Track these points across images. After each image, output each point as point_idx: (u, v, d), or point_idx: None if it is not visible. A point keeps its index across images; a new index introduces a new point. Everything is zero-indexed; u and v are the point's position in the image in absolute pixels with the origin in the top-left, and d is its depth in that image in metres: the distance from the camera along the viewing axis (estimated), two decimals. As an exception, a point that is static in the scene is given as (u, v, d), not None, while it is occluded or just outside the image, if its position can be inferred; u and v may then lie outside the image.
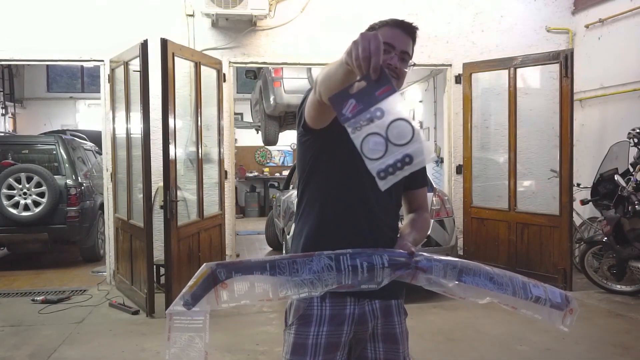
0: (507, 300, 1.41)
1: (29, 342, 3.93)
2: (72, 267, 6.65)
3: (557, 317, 1.44)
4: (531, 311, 1.43)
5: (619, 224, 4.75)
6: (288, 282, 1.31)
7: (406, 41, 1.52)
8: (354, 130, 1.10)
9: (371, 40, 1.09)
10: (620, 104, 5.64)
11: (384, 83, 1.09)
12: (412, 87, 10.20)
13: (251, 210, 12.56)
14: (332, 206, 1.57)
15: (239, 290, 1.33)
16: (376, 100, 1.09)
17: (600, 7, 5.82)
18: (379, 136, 1.09)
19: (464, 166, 5.94)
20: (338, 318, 1.54)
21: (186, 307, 1.31)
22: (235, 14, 5.46)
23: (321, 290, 1.32)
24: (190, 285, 1.34)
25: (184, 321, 1.32)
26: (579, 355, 3.64)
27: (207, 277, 1.32)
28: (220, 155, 5.55)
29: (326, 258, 1.32)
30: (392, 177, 1.09)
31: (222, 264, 1.34)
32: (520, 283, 1.43)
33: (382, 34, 1.48)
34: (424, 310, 4.55)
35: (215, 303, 1.33)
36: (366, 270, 1.32)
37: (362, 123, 1.09)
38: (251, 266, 1.33)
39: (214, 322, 4.25)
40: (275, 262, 1.33)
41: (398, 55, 1.50)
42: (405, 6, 5.91)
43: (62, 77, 13.69)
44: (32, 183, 6.17)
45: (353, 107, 1.10)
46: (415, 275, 1.38)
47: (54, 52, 5.60)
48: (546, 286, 1.47)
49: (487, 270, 1.43)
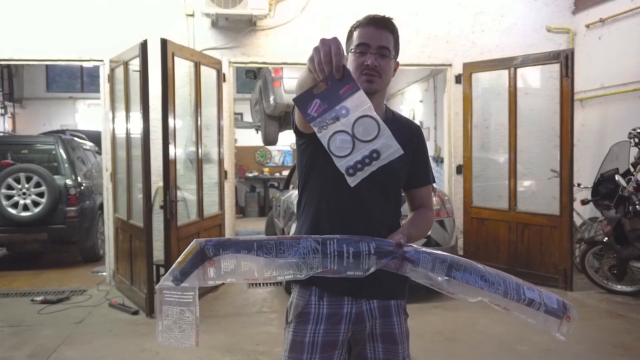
0: (499, 300, 1.39)
1: (28, 343, 3.93)
2: (72, 267, 6.64)
3: (552, 324, 1.41)
4: (524, 314, 1.41)
5: (620, 224, 4.75)
6: (273, 262, 1.32)
7: (381, 36, 1.51)
8: (320, 130, 1.13)
9: (331, 44, 1.13)
10: (621, 104, 5.63)
11: (347, 81, 1.12)
12: (412, 87, 10.20)
13: (251, 210, 12.55)
14: (326, 207, 1.58)
15: (226, 267, 1.34)
16: (340, 98, 1.12)
17: (600, 6, 5.81)
18: (345, 134, 1.12)
19: (464, 166, 5.93)
20: (335, 317, 1.55)
21: (175, 283, 1.34)
22: (235, 14, 5.46)
23: (306, 273, 1.33)
24: (179, 261, 1.36)
25: (174, 295, 1.36)
26: (580, 355, 3.64)
27: (196, 253, 1.34)
28: (220, 155, 5.54)
29: (313, 241, 1.33)
30: (360, 173, 1.13)
31: (211, 241, 1.36)
32: (513, 284, 1.41)
33: (358, 35, 1.53)
34: (424, 310, 4.55)
35: (202, 279, 1.35)
36: (352, 256, 1.32)
37: (328, 122, 1.12)
38: (239, 244, 1.34)
39: (215, 322, 4.25)
40: (263, 242, 1.34)
41: (375, 52, 1.49)
42: (405, 6, 5.90)
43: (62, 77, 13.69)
44: (31, 183, 6.16)
45: (318, 107, 1.12)
46: (401, 266, 1.37)
47: (53, 52, 5.59)
48: (542, 290, 1.44)
49: (479, 268, 1.41)
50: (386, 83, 1.56)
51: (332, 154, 1.14)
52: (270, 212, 7.99)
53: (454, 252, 5.22)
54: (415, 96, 10.20)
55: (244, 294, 5.21)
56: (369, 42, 1.50)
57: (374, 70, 1.48)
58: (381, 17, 1.55)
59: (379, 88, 1.52)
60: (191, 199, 5.12)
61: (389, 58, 1.53)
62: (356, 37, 1.54)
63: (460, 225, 5.87)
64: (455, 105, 6.05)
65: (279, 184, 11.27)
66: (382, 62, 1.50)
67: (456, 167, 6.03)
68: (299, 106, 1.15)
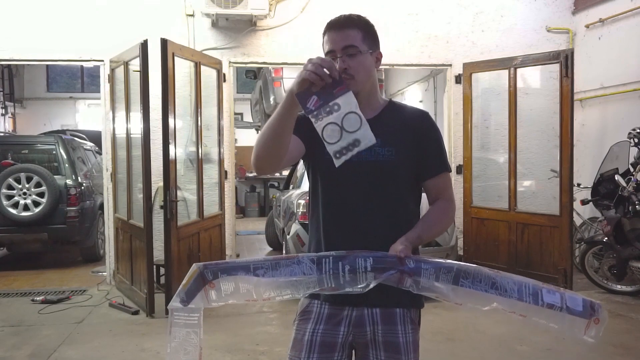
0: (514, 307, 1.32)
1: (28, 342, 3.93)
2: (72, 267, 6.65)
3: (579, 327, 1.33)
4: (544, 319, 1.33)
5: (620, 224, 4.75)
6: (271, 283, 1.38)
7: (342, 36, 1.54)
8: (316, 120, 1.35)
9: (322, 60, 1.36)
10: (621, 104, 5.63)
11: (339, 83, 1.36)
12: (412, 87, 10.20)
13: (251, 210, 12.55)
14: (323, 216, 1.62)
15: (226, 290, 1.39)
16: (334, 96, 1.35)
17: (600, 7, 5.81)
18: (335, 125, 1.34)
19: (464, 166, 5.93)
20: (335, 318, 1.56)
21: (183, 304, 1.39)
22: (235, 14, 5.46)
23: (304, 292, 1.39)
24: (184, 284, 1.41)
25: (182, 317, 1.39)
26: (580, 355, 3.63)
27: (197, 276, 1.40)
28: (220, 155, 5.54)
29: (308, 261, 1.39)
30: (344, 157, 1.35)
31: (209, 265, 1.42)
32: (530, 289, 1.33)
33: (325, 42, 1.60)
34: (424, 310, 4.50)
35: (206, 301, 1.39)
36: (347, 273, 1.37)
37: (323, 114, 1.35)
38: (235, 267, 1.41)
39: (215, 322, 4.25)
40: (259, 263, 1.40)
41: (341, 55, 1.52)
42: (405, 6, 5.90)
43: (62, 77, 13.71)
44: (31, 183, 6.16)
45: (315, 102, 1.35)
46: (402, 279, 1.37)
47: (53, 52, 5.60)
48: (565, 292, 1.35)
49: (490, 274, 1.35)
50: (364, 80, 1.55)
51: (324, 140, 1.35)
52: (271, 212, 8.00)
53: (454, 252, 5.23)
54: (415, 96, 10.19)
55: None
56: (333, 47, 1.54)
57: (345, 74, 1.48)
58: (338, 18, 1.57)
59: (355, 89, 1.47)
60: (191, 199, 5.13)
61: (358, 55, 1.53)
62: (324, 43, 1.60)
63: (460, 225, 5.87)
64: (455, 105, 6.05)
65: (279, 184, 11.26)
66: (351, 62, 1.52)
67: (456, 167, 6.03)
68: (301, 101, 1.36)
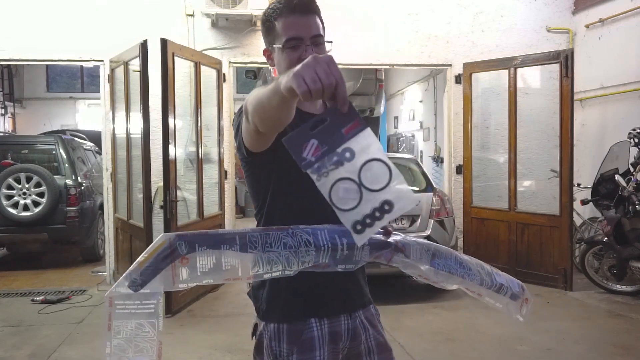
0: (474, 287, 1.38)
1: (28, 342, 3.93)
2: (72, 267, 6.64)
3: (514, 307, 1.42)
4: (493, 299, 1.40)
5: (620, 224, 4.75)
6: (261, 258, 1.12)
7: (310, 23, 1.32)
8: (319, 177, 0.92)
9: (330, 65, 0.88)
10: (621, 104, 5.63)
11: (351, 118, 0.90)
12: (412, 87, 10.20)
13: (251, 210, 12.44)
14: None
15: (203, 266, 1.10)
16: (343, 139, 0.91)
17: (600, 7, 5.81)
18: (350, 182, 0.92)
19: (464, 166, 5.94)
20: (336, 335, 1.46)
21: (133, 289, 1.09)
22: (235, 14, 5.46)
23: (296, 268, 1.14)
24: (140, 262, 1.11)
25: (129, 306, 1.10)
26: (580, 355, 3.64)
27: (163, 250, 1.10)
28: (220, 155, 5.55)
29: (304, 232, 1.14)
30: (369, 230, 0.93)
31: (184, 235, 1.12)
32: (487, 270, 1.40)
33: (283, 27, 1.32)
34: (424, 310, 4.54)
35: (172, 283, 1.10)
36: (346, 248, 1.15)
37: (328, 168, 0.91)
38: (219, 239, 1.11)
39: (215, 322, 4.26)
40: (247, 234, 1.12)
41: (310, 44, 1.31)
42: (405, 6, 5.89)
43: (62, 77, 13.70)
44: (31, 183, 6.16)
45: (315, 149, 0.91)
46: (392, 256, 1.27)
47: (53, 52, 5.60)
48: (506, 275, 1.45)
49: (457, 254, 1.39)
50: None
51: (334, 206, 0.93)
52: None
53: (454, 252, 5.22)
54: (415, 96, 10.20)
55: (244, 294, 5.20)
56: (301, 33, 1.30)
57: None
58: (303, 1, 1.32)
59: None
60: (191, 199, 5.12)
61: (322, 45, 1.35)
62: (281, 29, 1.32)
63: (460, 225, 5.87)
64: (455, 105, 6.05)
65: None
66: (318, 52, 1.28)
67: (456, 167, 6.03)
68: (291, 149, 0.91)
